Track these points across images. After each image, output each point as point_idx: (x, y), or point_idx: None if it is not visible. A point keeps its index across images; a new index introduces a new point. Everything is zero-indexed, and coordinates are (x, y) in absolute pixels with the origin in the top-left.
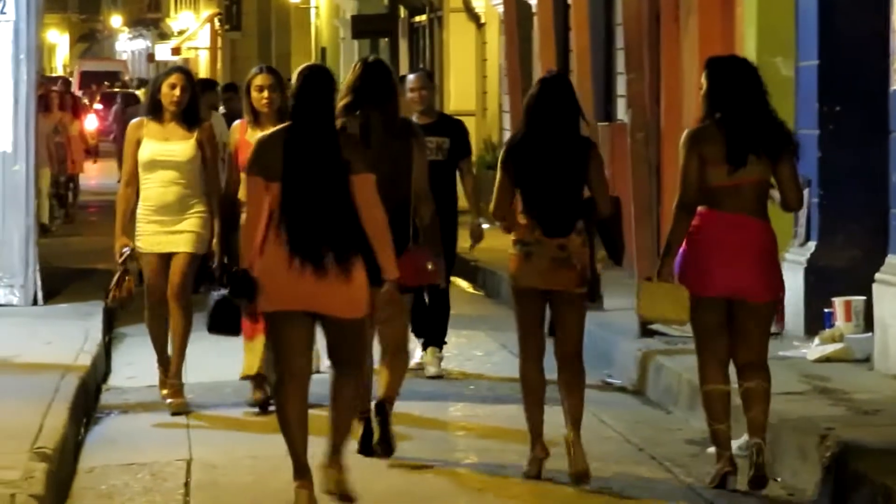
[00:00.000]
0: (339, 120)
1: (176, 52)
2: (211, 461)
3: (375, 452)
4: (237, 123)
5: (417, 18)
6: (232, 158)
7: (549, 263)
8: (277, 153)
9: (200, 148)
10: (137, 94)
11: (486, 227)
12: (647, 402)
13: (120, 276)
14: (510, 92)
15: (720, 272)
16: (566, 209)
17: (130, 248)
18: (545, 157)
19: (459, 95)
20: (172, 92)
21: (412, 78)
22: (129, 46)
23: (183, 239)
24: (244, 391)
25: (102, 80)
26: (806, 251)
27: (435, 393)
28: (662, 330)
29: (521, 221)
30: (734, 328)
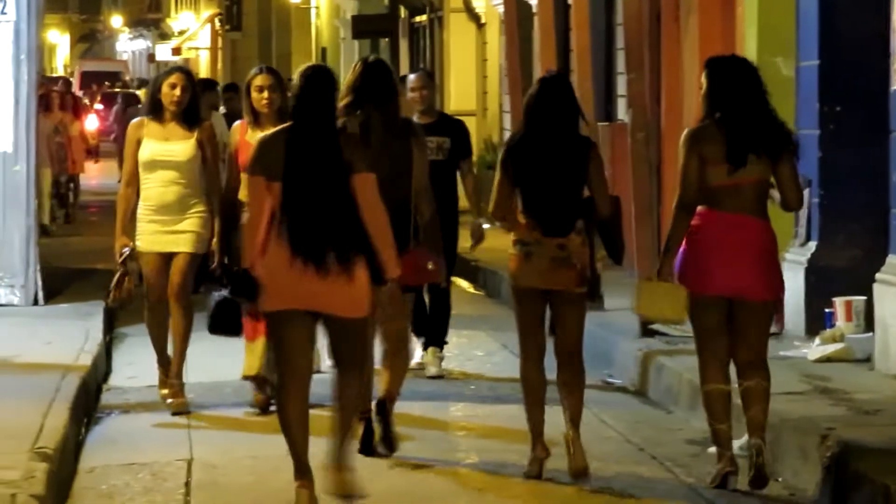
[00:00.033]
0: (339, 119)
1: (176, 52)
2: (211, 461)
3: (377, 451)
4: (237, 124)
5: (418, 18)
6: (232, 159)
7: (548, 263)
8: (279, 153)
9: (201, 148)
10: (138, 94)
11: (486, 227)
12: (647, 401)
13: (120, 276)
14: (510, 92)
15: (720, 272)
16: (566, 209)
17: (130, 247)
18: (545, 156)
19: (460, 95)
20: (173, 92)
21: (413, 78)
22: (129, 47)
23: (183, 239)
24: (244, 391)
25: (103, 80)
26: (806, 251)
27: (436, 393)
28: (663, 330)
29: (520, 221)
30: (734, 328)
